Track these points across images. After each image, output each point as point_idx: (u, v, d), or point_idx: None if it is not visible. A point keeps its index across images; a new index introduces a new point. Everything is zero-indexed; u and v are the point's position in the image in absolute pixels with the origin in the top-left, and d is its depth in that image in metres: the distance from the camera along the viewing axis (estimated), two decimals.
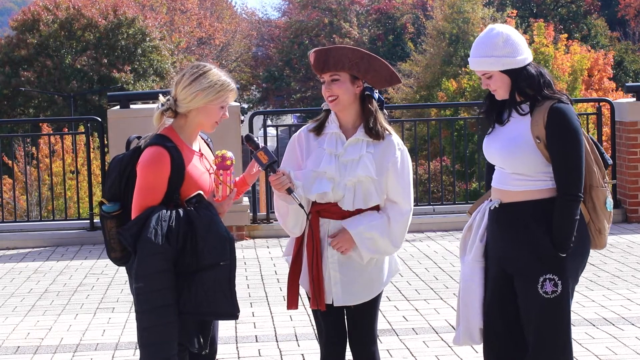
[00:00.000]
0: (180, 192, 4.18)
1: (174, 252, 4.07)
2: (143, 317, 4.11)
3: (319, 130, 4.47)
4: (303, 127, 4.60)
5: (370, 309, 4.50)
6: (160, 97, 4.31)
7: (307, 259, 4.45)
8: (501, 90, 4.25)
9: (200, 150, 4.35)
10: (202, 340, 4.26)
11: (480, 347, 4.55)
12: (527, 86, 4.21)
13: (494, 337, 4.36)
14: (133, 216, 4.15)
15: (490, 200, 4.35)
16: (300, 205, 4.32)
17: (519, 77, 4.21)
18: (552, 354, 4.25)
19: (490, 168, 4.46)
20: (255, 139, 4.37)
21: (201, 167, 4.27)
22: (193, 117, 4.23)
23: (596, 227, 4.27)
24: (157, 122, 4.23)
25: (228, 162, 4.21)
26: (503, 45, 4.19)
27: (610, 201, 4.27)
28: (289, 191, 4.30)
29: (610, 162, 4.33)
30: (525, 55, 4.23)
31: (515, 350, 4.34)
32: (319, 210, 4.42)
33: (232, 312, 4.16)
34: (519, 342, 4.33)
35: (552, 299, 4.18)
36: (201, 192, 4.18)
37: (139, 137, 4.37)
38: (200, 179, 4.24)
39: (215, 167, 4.25)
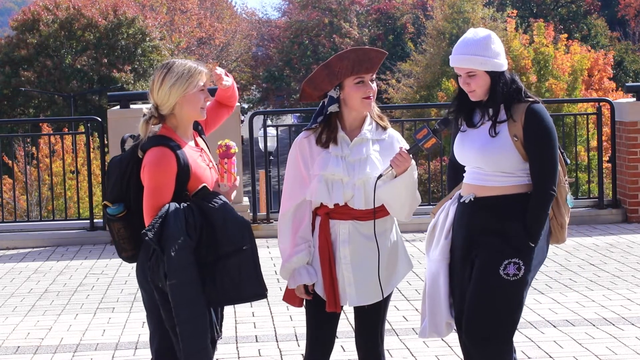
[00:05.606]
0: (188, 188, 4.25)
1: (194, 244, 4.15)
2: (181, 311, 4.13)
3: (334, 141, 4.40)
4: (300, 137, 4.49)
5: (380, 308, 4.49)
6: (144, 108, 4.40)
7: (320, 263, 4.42)
8: (480, 91, 4.36)
9: (199, 146, 4.42)
10: (217, 327, 4.34)
11: None
12: (504, 90, 4.35)
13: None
14: (146, 217, 4.20)
15: (461, 196, 4.46)
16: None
17: (499, 80, 4.35)
18: (494, 332, 4.32)
19: (456, 169, 4.56)
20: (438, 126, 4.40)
21: (202, 163, 4.35)
22: (179, 112, 4.30)
23: (558, 221, 4.46)
24: (143, 132, 4.29)
25: (232, 151, 4.33)
26: (492, 47, 4.35)
27: (570, 197, 4.46)
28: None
29: (568, 161, 4.49)
30: (505, 61, 4.41)
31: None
32: (329, 212, 4.39)
33: (260, 293, 4.28)
34: None
35: (510, 282, 4.31)
36: (206, 185, 4.26)
37: (132, 136, 4.40)
38: (204, 174, 4.32)
39: (219, 157, 4.34)
